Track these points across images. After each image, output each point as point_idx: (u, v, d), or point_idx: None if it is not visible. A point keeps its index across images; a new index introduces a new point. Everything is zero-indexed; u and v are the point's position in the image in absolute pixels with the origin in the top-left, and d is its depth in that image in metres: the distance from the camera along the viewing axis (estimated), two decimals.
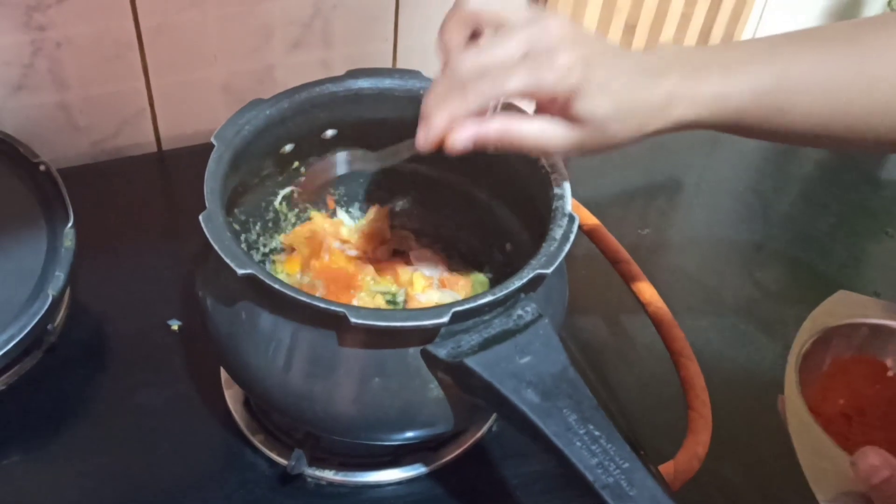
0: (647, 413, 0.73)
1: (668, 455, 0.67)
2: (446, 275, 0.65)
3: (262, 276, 0.47)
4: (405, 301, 0.64)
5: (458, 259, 0.69)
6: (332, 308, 0.46)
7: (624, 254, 0.79)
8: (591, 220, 0.81)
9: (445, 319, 0.46)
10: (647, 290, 0.76)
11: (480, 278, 0.67)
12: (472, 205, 0.67)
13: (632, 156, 1.02)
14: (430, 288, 0.64)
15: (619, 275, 0.78)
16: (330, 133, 0.63)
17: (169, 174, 0.83)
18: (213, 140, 0.54)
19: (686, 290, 0.85)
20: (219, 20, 0.77)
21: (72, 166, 0.79)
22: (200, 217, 0.49)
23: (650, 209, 0.95)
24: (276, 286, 0.47)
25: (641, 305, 0.76)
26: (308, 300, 0.46)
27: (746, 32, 1.01)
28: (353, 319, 0.45)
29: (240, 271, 0.47)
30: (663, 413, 0.73)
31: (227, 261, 0.47)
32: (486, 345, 0.48)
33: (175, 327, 0.67)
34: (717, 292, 0.86)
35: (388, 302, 0.64)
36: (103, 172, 0.80)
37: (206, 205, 0.50)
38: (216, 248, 0.48)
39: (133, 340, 0.66)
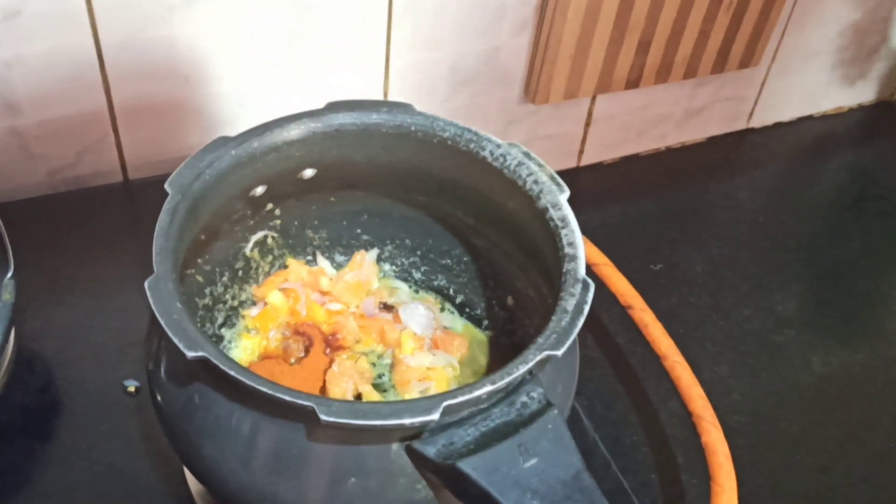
0: (665, 479, 0.66)
1: None
2: (439, 333, 0.58)
3: (215, 361, 0.39)
4: (392, 364, 0.56)
5: (453, 313, 0.61)
6: (299, 402, 0.38)
7: (637, 299, 0.72)
8: (599, 258, 0.74)
9: (435, 416, 0.38)
10: (663, 342, 0.69)
11: (479, 336, 0.59)
12: (471, 253, 0.59)
13: (642, 182, 0.96)
14: (420, 350, 0.56)
15: (631, 320, 0.71)
16: (309, 172, 0.55)
17: (136, 206, 0.75)
18: (166, 187, 0.47)
19: (703, 333, 0.78)
20: (189, 38, 0.69)
21: (26, 198, 0.71)
22: (146, 284, 0.42)
23: (662, 241, 0.88)
24: (233, 373, 0.39)
25: (657, 358, 0.69)
26: (269, 391, 0.39)
27: (768, 51, 0.94)
28: (323, 416, 0.38)
29: (189, 354, 0.39)
30: (684, 477, 0.66)
31: (175, 341, 0.40)
32: (483, 442, 0.40)
33: (132, 388, 0.59)
34: (736, 333, 0.79)
35: (374, 364, 0.56)
36: (61, 205, 0.72)
37: (154, 268, 0.43)
38: (163, 323, 0.40)
39: (84, 403, 0.59)
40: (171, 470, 0.56)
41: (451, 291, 0.62)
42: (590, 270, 0.72)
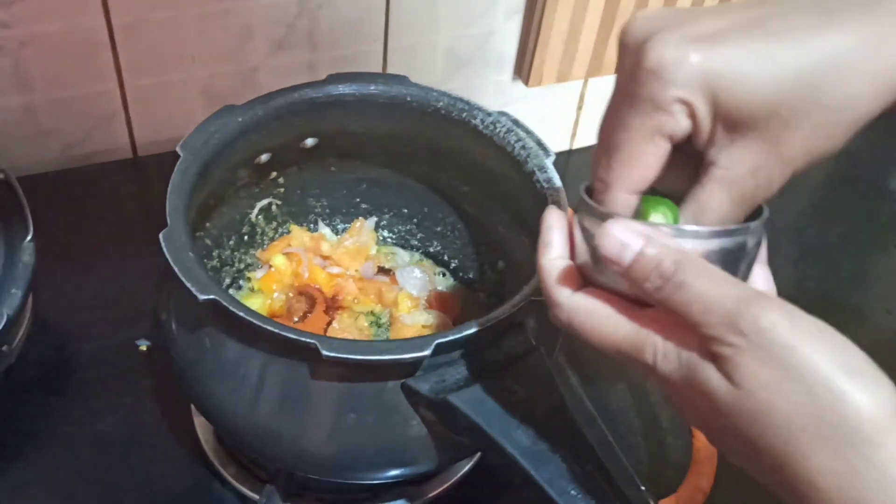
0: (650, 437, 0.69)
1: (674, 482, 0.63)
2: (434, 294, 0.61)
3: (225, 303, 0.42)
4: (389, 322, 0.59)
5: (447, 277, 0.64)
6: (303, 339, 0.42)
7: None
8: None
9: (427, 353, 0.42)
10: None
11: (471, 298, 0.63)
12: (464, 220, 0.63)
13: None
14: (416, 309, 0.59)
15: None
16: (310, 141, 0.59)
17: (144, 181, 0.78)
18: (178, 150, 0.50)
19: None
20: (196, 19, 0.73)
21: (39, 173, 0.74)
22: (161, 235, 0.45)
23: None
24: (241, 314, 0.42)
25: None
26: (276, 330, 0.42)
27: None
28: (325, 352, 0.41)
29: (201, 297, 0.42)
30: (667, 437, 0.69)
31: (188, 285, 0.43)
32: (472, 379, 0.43)
33: (144, 347, 0.63)
34: None
35: (372, 324, 0.60)
36: (73, 180, 0.75)
37: (168, 221, 0.46)
38: (176, 270, 0.43)
39: (98, 361, 0.62)
40: (180, 422, 0.59)
41: (446, 257, 0.65)
42: None
